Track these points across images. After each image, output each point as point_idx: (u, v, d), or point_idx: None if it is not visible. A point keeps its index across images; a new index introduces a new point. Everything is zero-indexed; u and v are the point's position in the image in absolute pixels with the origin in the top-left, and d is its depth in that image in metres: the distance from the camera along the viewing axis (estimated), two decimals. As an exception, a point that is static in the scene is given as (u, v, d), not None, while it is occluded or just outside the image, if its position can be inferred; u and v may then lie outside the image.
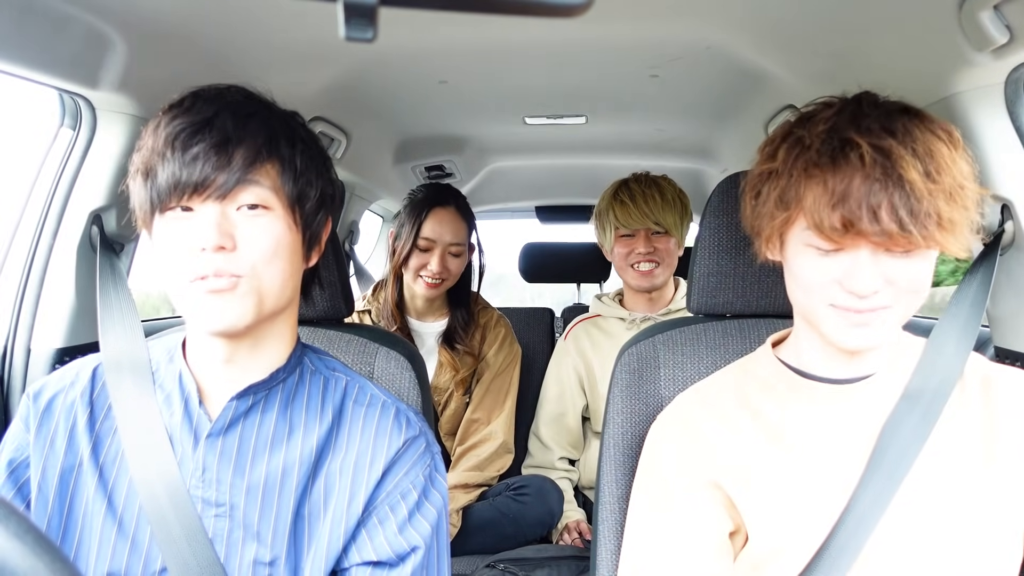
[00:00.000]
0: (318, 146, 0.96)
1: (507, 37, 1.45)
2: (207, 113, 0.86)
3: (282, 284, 0.89)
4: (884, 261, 0.82)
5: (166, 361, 0.97)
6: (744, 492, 0.93)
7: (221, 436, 0.91)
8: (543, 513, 1.91)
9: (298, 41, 1.37)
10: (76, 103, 1.30)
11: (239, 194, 0.85)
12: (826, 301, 0.86)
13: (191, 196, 0.83)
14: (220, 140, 0.84)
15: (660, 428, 1.04)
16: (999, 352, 1.28)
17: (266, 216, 0.86)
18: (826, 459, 0.92)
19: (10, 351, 1.36)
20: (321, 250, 0.98)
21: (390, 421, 0.96)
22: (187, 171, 0.82)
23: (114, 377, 0.95)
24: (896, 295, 0.84)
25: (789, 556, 0.90)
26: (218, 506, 0.89)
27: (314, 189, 0.92)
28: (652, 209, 1.88)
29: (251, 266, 0.85)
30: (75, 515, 0.89)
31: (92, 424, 0.93)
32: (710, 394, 1.02)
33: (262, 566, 0.88)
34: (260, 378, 0.93)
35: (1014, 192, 1.17)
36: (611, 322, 2.00)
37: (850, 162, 0.80)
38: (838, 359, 0.94)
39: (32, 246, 1.35)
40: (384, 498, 0.92)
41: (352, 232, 2.71)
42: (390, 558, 0.90)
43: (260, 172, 0.86)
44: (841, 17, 1.23)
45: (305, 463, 0.91)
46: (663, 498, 0.98)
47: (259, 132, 0.87)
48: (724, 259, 1.21)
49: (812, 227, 0.83)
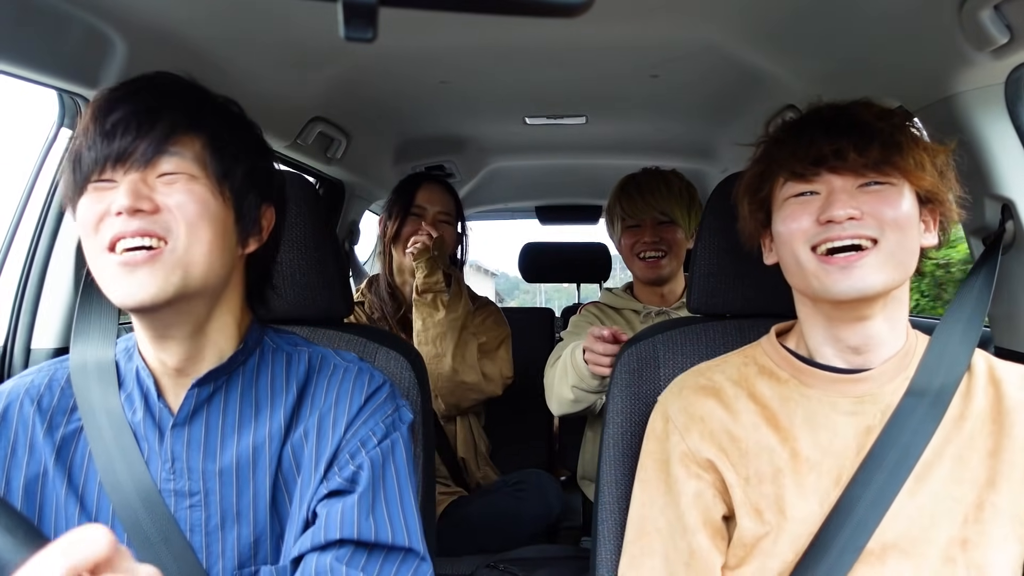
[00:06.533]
0: (251, 127, 0.95)
1: (507, 37, 1.45)
2: (131, 88, 0.86)
3: (209, 255, 0.84)
4: (859, 197, 0.89)
5: (125, 359, 0.95)
6: (737, 476, 0.94)
7: (186, 425, 0.90)
8: (542, 509, 1.90)
9: (298, 41, 1.37)
10: (76, 103, 1.29)
11: (159, 163, 0.83)
12: (810, 242, 0.90)
13: (113, 168, 0.82)
14: (140, 109, 0.83)
15: (659, 409, 1.04)
16: (999, 352, 1.28)
17: (190, 182, 0.84)
18: (823, 449, 0.92)
19: (10, 351, 1.36)
20: (262, 240, 0.95)
21: (352, 381, 0.95)
22: (107, 141, 0.82)
23: (80, 380, 0.93)
24: (879, 228, 0.87)
25: (777, 544, 0.91)
26: (192, 495, 0.88)
27: (241, 166, 0.89)
28: (658, 199, 1.87)
29: (174, 229, 0.82)
30: (47, 522, 0.88)
31: (53, 430, 0.91)
32: (710, 375, 1.03)
33: (247, 547, 0.88)
34: (214, 366, 0.91)
35: (1014, 192, 1.17)
36: (626, 313, 1.97)
37: (814, 125, 0.94)
38: (843, 349, 0.94)
39: (32, 246, 1.35)
40: (344, 447, 0.91)
41: (352, 232, 2.71)
42: (343, 485, 0.89)
43: (182, 143, 0.85)
44: (841, 17, 1.23)
45: (275, 438, 0.91)
46: (660, 480, 0.99)
47: (181, 104, 0.86)
48: (724, 259, 1.21)
49: (788, 175, 0.93)
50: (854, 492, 0.89)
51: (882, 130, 0.90)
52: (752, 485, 0.93)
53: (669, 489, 0.98)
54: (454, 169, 2.68)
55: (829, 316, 0.93)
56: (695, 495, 0.96)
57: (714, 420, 0.97)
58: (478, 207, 3.47)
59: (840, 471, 0.91)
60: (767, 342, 1.03)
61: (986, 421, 0.91)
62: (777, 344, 1.01)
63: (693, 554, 0.94)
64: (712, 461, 0.96)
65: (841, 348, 0.94)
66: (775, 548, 0.91)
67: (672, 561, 0.96)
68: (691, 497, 0.96)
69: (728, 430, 0.96)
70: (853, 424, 0.92)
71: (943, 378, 0.92)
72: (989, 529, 0.86)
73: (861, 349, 0.93)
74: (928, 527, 0.87)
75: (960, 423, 0.91)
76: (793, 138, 0.94)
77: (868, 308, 0.91)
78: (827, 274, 0.88)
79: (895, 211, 0.88)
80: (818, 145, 0.90)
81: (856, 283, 0.87)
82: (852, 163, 0.89)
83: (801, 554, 0.90)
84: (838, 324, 0.93)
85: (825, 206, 0.89)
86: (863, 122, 0.91)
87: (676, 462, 0.98)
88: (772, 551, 0.91)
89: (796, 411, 0.95)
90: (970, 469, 0.89)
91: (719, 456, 0.95)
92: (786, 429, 0.94)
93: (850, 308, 0.91)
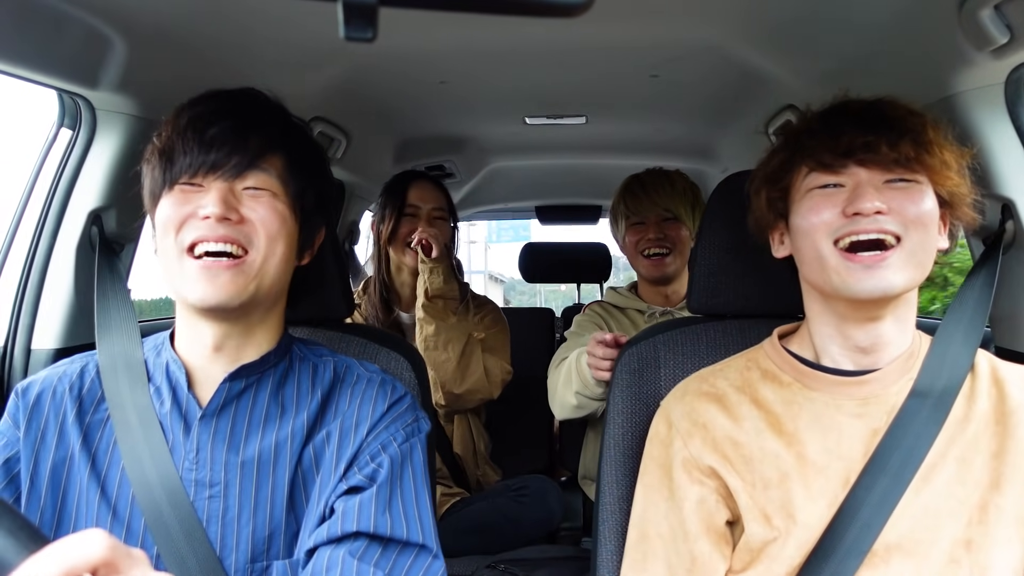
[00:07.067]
0: (321, 152, 1.04)
1: (507, 37, 1.45)
2: (226, 103, 0.93)
3: (279, 267, 0.93)
4: (885, 192, 0.88)
5: (153, 356, 0.99)
6: (741, 481, 0.93)
7: (215, 417, 0.93)
8: (543, 514, 1.90)
9: (298, 41, 1.37)
10: (76, 103, 1.29)
11: (248, 177, 0.91)
12: (833, 236, 0.88)
13: (205, 174, 0.89)
14: (237, 125, 0.91)
15: (662, 414, 1.04)
16: (1000, 352, 1.28)
17: (273, 199, 0.92)
18: (831, 451, 0.92)
19: (10, 351, 1.36)
20: (313, 253, 1.04)
21: (376, 390, 0.99)
22: (204, 151, 0.89)
23: (110, 378, 0.96)
24: (903, 225, 0.86)
25: (785, 548, 0.90)
26: (212, 486, 0.91)
27: (314, 189, 0.98)
28: (662, 196, 1.86)
29: (256, 240, 0.89)
30: (69, 506, 0.91)
31: (82, 417, 0.94)
32: (713, 381, 1.02)
33: (261, 540, 0.90)
34: (251, 360, 0.96)
35: (1014, 192, 1.17)
36: (630, 312, 1.95)
37: (843, 116, 0.92)
38: (850, 349, 0.94)
39: (32, 246, 1.35)
40: (365, 448, 0.94)
41: (352, 232, 2.71)
42: (362, 482, 0.91)
43: (269, 161, 0.92)
44: (841, 17, 1.23)
45: (298, 436, 0.94)
46: (663, 485, 0.99)
47: (272, 124, 0.95)
48: (724, 259, 1.21)
49: (813, 165, 0.91)
50: (858, 494, 0.88)
51: (913, 126, 0.89)
52: (759, 490, 0.92)
53: (672, 494, 0.97)
54: (454, 169, 2.68)
55: (841, 314, 0.93)
56: (698, 501, 0.95)
57: (717, 427, 0.97)
58: (478, 207, 3.47)
59: (848, 473, 0.90)
60: (769, 345, 1.03)
61: (989, 422, 0.90)
62: (779, 347, 1.01)
63: (695, 560, 0.94)
64: (715, 468, 0.95)
65: (849, 347, 0.94)
66: (783, 552, 0.90)
67: (674, 566, 0.95)
68: (694, 503, 0.95)
69: (731, 437, 0.96)
70: (859, 426, 0.92)
71: (946, 379, 0.92)
72: (993, 530, 0.86)
73: (869, 349, 0.93)
74: (932, 528, 0.87)
75: (964, 424, 0.91)
76: (822, 128, 0.92)
77: (882, 308, 0.90)
78: (850, 272, 0.87)
79: (919, 209, 0.87)
80: (850, 136, 0.89)
81: (879, 283, 0.86)
82: (883, 157, 0.87)
83: (805, 558, 0.89)
84: (849, 323, 0.92)
85: (852, 198, 0.88)
86: (895, 117, 0.90)
87: (678, 468, 0.97)
88: (780, 555, 0.90)
89: (801, 414, 0.94)
90: (974, 470, 0.88)
91: (722, 463, 0.95)
92: (791, 433, 0.94)
93: (865, 308, 0.90)
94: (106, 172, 1.34)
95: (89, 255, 1.34)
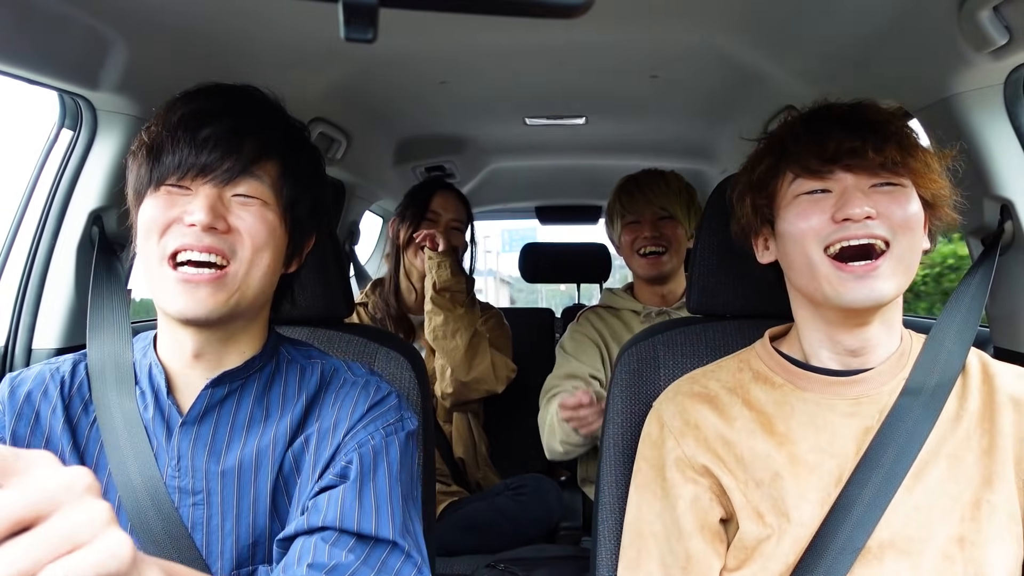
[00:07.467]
0: (318, 157, 0.99)
1: (507, 37, 1.45)
2: (222, 101, 0.88)
3: (264, 279, 0.89)
4: (872, 196, 0.88)
5: (140, 357, 0.97)
6: (734, 481, 0.94)
7: (196, 424, 0.91)
8: (542, 513, 1.90)
9: (298, 42, 1.37)
10: (76, 104, 1.30)
11: (239, 184, 0.86)
12: (823, 242, 0.88)
13: (194, 177, 0.85)
14: (232, 127, 0.86)
15: (654, 415, 1.04)
16: (998, 352, 1.28)
17: (263, 208, 0.88)
18: (824, 450, 0.92)
19: (10, 351, 1.36)
20: (301, 261, 0.99)
21: (358, 392, 0.96)
22: (195, 152, 0.84)
23: (98, 380, 0.94)
24: (892, 230, 0.87)
25: (779, 546, 0.91)
26: (195, 494, 0.89)
27: (309, 196, 0.94)
28: (657, 195, 1.86)
29: (240, 250, 0.85)
30: None
31: (71, 418, 0.93)
32: (705, 383, 1.03)
33: (245, 547, 0.89)
34: (233, 367, 0.93)
35: (1013, 192, 1.18)
36: (625, 314, 1.96)
37: (827, 121, 0.92)
38: (840, 352, 0.94)
39: (32, 246, 1.35)
40: (341, 450, 0.91)
41: (352, 232, 2.71)
42: (333, 480, 0.89)
43: (263, 167, 0.88)
44: (841, 18, 1.23)
45: (279, 443, 0.92)
46: (656, 485, 0.99)
47: (269, 127, 0.90)
48: (724, 259, 1.21)
49: (799, 171, 0.91)
50: (852, 492, 0.89)
51: (897, 130, 0.90)
52: (752, 489, 0.93)
53: (665, 494, 0.98)
54: (454, 169, 2.68)
55: (829, 320, 0.93)
56: (691, 499, 0.96)
57: (708, 427, 0.97)
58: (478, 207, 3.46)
59: (841, 472, 0.91)
60: (760, 347, 1.03)
61: (981, 419, 0.91)
62: (771, 349, 1.01)
63: (690, 559, 0.94)
64: (708, 467, 0.95)
65: (839, 351, 0.94)
66: (777, 550, 0.91)
67: (669, 565, 0.95)
68: (687, 501, 0.96)
69: (723, 436, 0.96)
70: (852, 425, 0.92)
71: (938, 377, 0.92)
72: (986, 527, 0.86)
73: (858, 352, 0.93)
74: (926, 525, 0.87)
75: (956, 422, 0.91)
76: (806, 133, 0.92)
77: (871, 314, 0.91)
78: (842, 282, 0.87)
79: (906, 212, 0.88)
80: (836, 141, 0.89)
81: (871, 293, 0.86)
82: (869, 162, 0.87)
83: (799, 556, 0.89)
84: (837, 328, 0.93)
85: (841, 204, 0.88)
86: (878, 121, 0.90)
87: (671, 467, 0.98)
88: (774, 553, 0.91)
89: (793, 415, 0.94)
90: (966, 467, 0.89)
91: (715, 462, 0.95)
92: (782, 434, 0.94)
93: (855, 315, 0.90)
94: (107, 172, 1.34)
95: (90, 255, 1.34)
